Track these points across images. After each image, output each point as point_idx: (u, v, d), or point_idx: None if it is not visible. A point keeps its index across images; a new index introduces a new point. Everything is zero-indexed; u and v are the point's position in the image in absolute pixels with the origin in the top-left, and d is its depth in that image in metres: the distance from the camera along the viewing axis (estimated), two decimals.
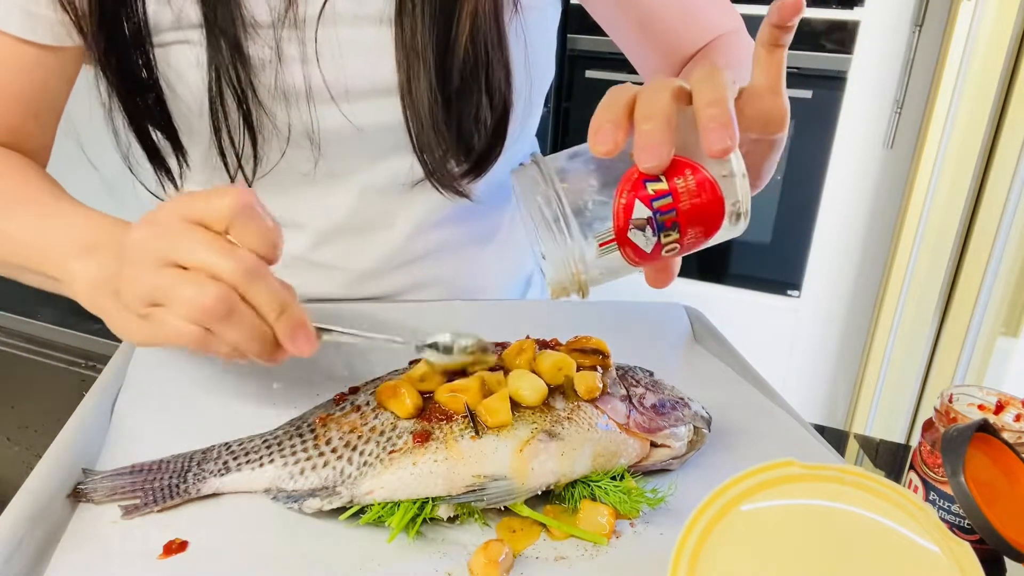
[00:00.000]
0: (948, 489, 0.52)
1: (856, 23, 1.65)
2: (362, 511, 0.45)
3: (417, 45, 0.59)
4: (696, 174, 0.41)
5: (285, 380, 0.60)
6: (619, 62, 2.01)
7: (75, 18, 0.57)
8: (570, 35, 2.01)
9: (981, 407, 0.56)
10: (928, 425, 0.55)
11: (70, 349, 0.74)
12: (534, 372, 0.50)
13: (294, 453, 0.48)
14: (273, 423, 0.52)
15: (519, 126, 0.68)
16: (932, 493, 0.53)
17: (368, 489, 0.45)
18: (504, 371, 0.51)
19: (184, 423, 0.54)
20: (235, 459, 0.48)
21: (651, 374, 0.55)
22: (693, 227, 0.42)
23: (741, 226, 0.44)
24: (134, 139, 0.63)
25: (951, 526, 0.52)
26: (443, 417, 0.48)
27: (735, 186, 0.42)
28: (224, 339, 0.43)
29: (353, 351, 0.65)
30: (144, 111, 0.62)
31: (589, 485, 0.48)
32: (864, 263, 1.78)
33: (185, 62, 0.59)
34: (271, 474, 0.48)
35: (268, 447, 0.49)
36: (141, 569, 0.41)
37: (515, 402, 0.48)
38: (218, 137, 0.61)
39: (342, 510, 0.46)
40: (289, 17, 0.59)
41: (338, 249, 0.72)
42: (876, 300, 1.75)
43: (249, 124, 0.61)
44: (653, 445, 0.50)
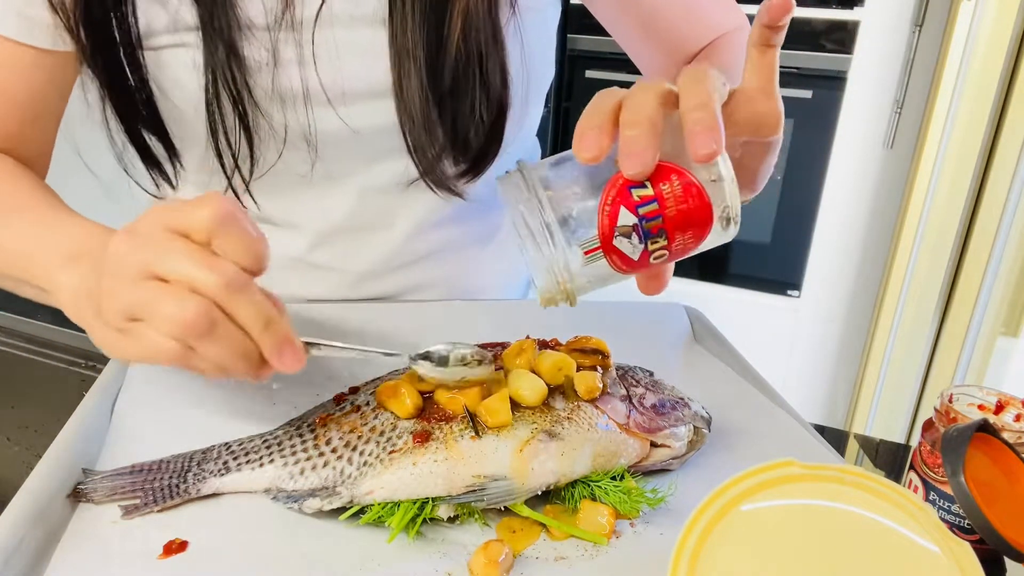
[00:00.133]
0: (948, 489, 0.52)
1: (856, 23, 1.65)
2: (362, 511, 0.45)
3: (408, 44, 0.59)
4: (682, 179, 0.40)
5: (285, 380, 0.60)
6: (619, 62, 2.01)
7: (64, 20, 0.57)
8: (570, 35, 2.00)
9: (981, 407, 0.56)
10: (928, 425, 0.55)
11: (70, 349, 0.74)
12: (534, 372, 0.50)
13: (294, 453, 0.48)
14: (273, 423, 0.52)
15: (517, 126, 0.68)
16: (932, 493, 0.53)
17: (368, 489, 0.45)
18: (504, 371, 0.51)
19: (184, 423, 0.54)
20: (235, 459, 0.48)
21: (651, 374, 0.55)
22: (681, 233, 0.41)
23: (731, 232, 0.43)
24: (127, 140, 0.63)
25: (951, 526, 0.52)
26: (443, 417, 0.48)
27: (723, 191, 0.41)
28: (206, 356, 0.41)
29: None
30: (135, 113, 0.62)
31: (589, 485, 0.48)
32: (864, 263, 1.78)
33: (181, 65, 0.59)
34: (271, 474, 0.48)
35: (268, 447, 0.49)
36: (141, 569, 0.42)
37: (515, 402, 0.48)
38: (215, 139, 0.61)
39: (342, 510, 0.46)
40: (286, 19, 0.59)
41: (337, 251, 0.72)
42: (876, 300, 1.75)
43: (245, 126, 0.61)
44: (653, 445, 0.50)
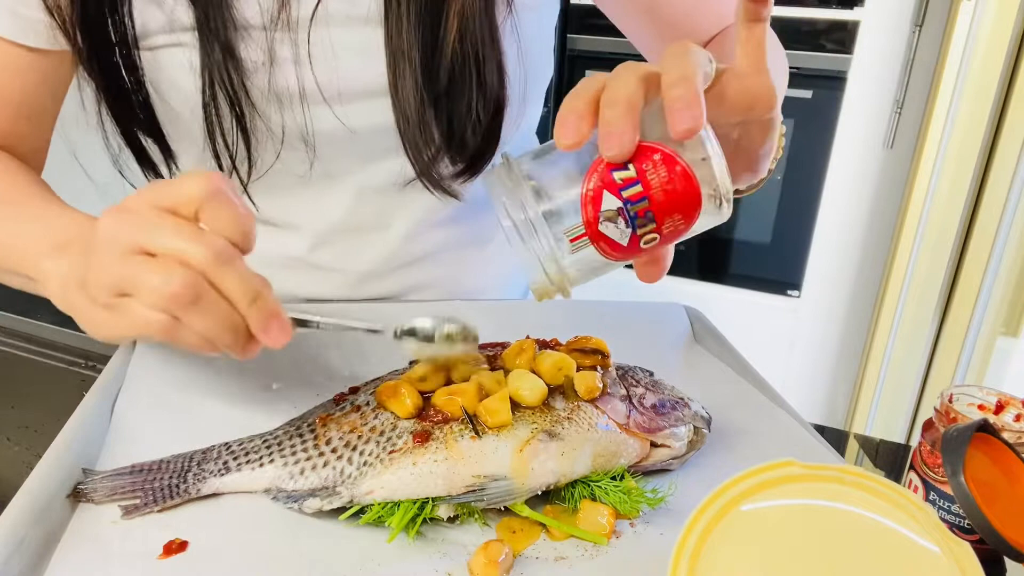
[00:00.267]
0: (948, 489, 0.52)
1: (856, 23, 1.65)
2: (362, 511, 0.45)
3: (403, 44, 0.59)
4: (665, 159, 0.39)
5: (285, 380, 0.60)
6: (619, 62, 2.00)
7: (59, 21, 0.57)
8: (570, 35, 2.00)
9: (981, 407, 0.56)
10: (928, 425, 0.55)
11: (70, 349, 0.74)
12: (534, 372, 0.50)
13: (294, 453, 0.48)
14: (273, 423, 0.52)
15: (514, 125, 0.68)
16: (932, 493, 0.53)
17: (368, 489, 0.45)
18: (504, 371, 0.51)
19: (184, 423, 0.54)
20: (235, 459, 0.48)
21: (651, 374, 0.55)
22: (669, 215, 0.40)
23: (724, 212, 0.41)
24: (123, 143, 0.63)
25: (951, 526, 0.52)
26: (443, 417, 0.48)
27: (711, 169, 0.39)
28: (193, 327, 0.41)
29: (353, 351, 0.65)
30: (131, 116, 0.62)
31: (589, 485, 0.48)
32: (864, 263, 1.78)
33: (177, 66, 0.59)
34: (271, 474, 0.48)
35: (268, 447, 0.49)
36: (141, 569, 0.42)
37: (515, 402, 0.48)
38: (212, 140, 0.61)
39: (342, 510, 0.46)
40: (282, 19, 0.59)
41: (336, 251, 0.72)
42: (876, 300, 1.75)
43: (243, 127, 0.61)
44: (653, 445, 0.50)
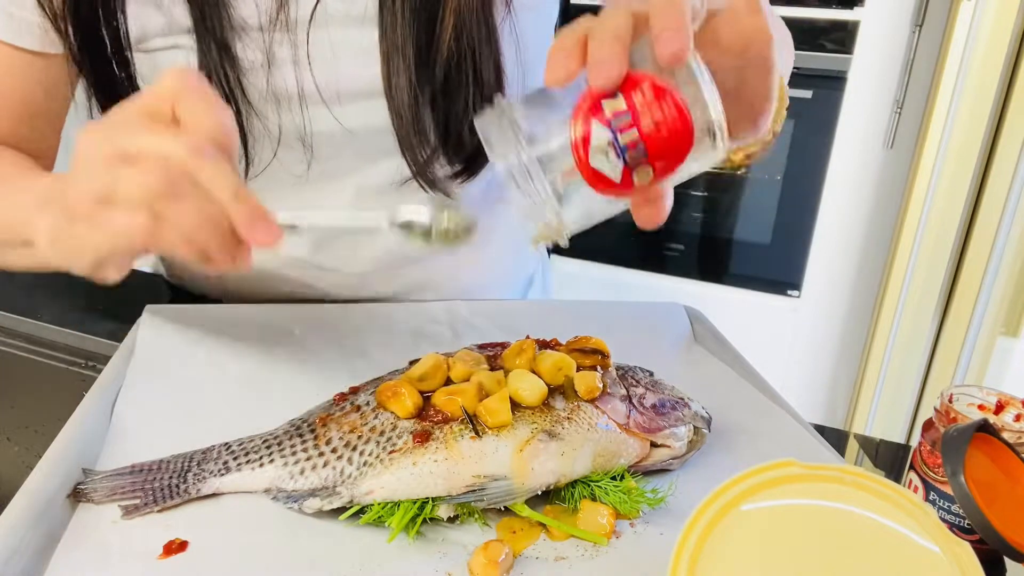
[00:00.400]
0: (948, 489, 0.52)
1: (856, 23, 1.65)
2: (362, 511, 0.45)
3: (397, 40, 0.59)
4: (654, 88, 0.38)
5: (285, 380, 0.60)
6: None
7: (52, 20, 0.57)
8: None
9: (981, 407, 0.56)
10: (928, 425, 0.55)
11: (70, 349, 0.74)
12: (534, 372, 0.50)
13: (294, 453, 0.48)
14: (273, 423, 0.52)
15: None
16: (932, 493, 0.53)
17: (368, 489, 0.45)
18: (504, 371, 0.51)
19: (184, 423, 0.54)
20: (235, 459, 0.48)
21: (651, 374, 0.55)
22: (661, 147, 0.39)
23: (719, 148, 0.40)
24: None
25: (951, 526, 0.52)
26: (443, 417, 0.48)
27: (701, 97, 0.39)
28: (175, 224, 0.40)
29: (354, 351, 0.65)
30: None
31: (589, 485, 0.48)
32: (864, 263, 1.78)
33: (176, 67, 0.59)
34: (271, 474, 0.48)
35: (268, 447, 0.49)
36: (141, 569, 0.42)
37: (515, 402, 0.48)
38: None
39: (342, 510, 0.46)
40: (280, 20, 0.59)
41: (336, 251, 0.72)
42: (876, 300, 1.75)
43: (239, 125, 0.61)
44: (653, 445, 0.50)
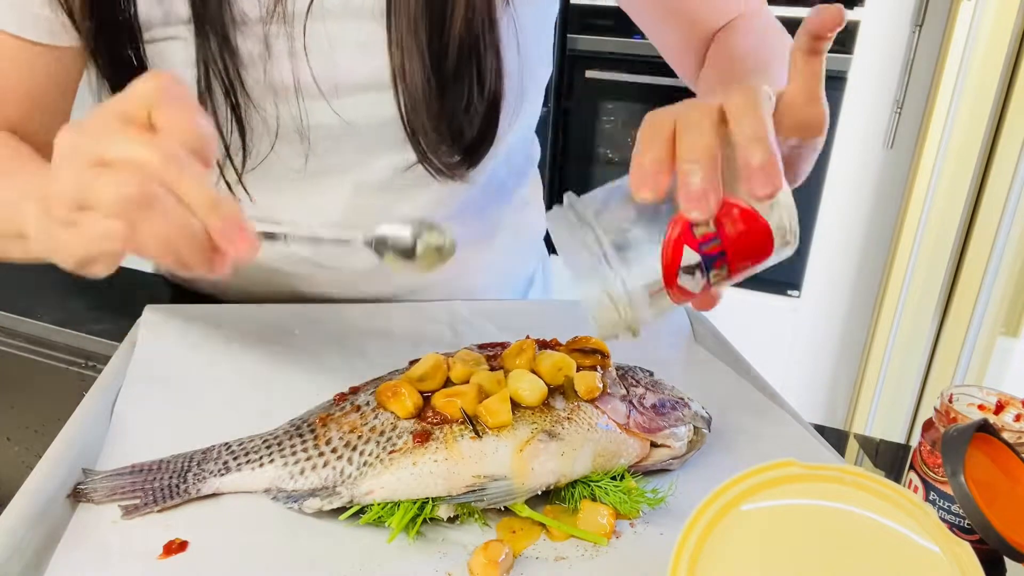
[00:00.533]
0: (948, 489, 0.52)
1: (856, 23, 1.65)
2: (362, 511, 0.45)
3: (411, 27, 0.59)
4: (744, 215, 0.40)
5: (285, 379, 0.60)
6: (619, 62, 2.01)
7: (67, 10, 0.57)
8: (570, 35, 2.01)
9: (981, 407, 0.56)
10: (928, 425, 0.55)
11: (70, 349, 0.74)
12: (534, 372, 0.50)
13: (294, 453, 0.48)
14: (273, 423, 0.52)
15: (512, 118, 0.68)
16: (932, 493, 0.53)
17: (368, 489, 0.45)
18: (504, 371, 0.51)
19: (184, 423, 0.54)
20: (235, 459, 0.48)
21: (651, 374, 0.55)
22: (742, 263, 0.41)
23: (789, 249, 0.43)
24: None
25: (951, 526, 0.52)
26: (443, 418, 0.48)
27: (782, 216, 0.41)
28: (151, 232, 0.39)
29: (354, 351, 0.65)
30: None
31: (589, 485, 0.48)
32: (864, 263, 1.78)
33: (176, 58, 0.60)
34: (271, 474, 0.48)
35: (268, 447, 0.49)
36: (141, 569, 0.42)
37: (515, 402, 0.48)
38: None
39: (342, 510, 0.46)
40: (278, 12, 0.59)
41: (335, 248, 0.72)
42: (876, 300, 1.75)
43: (237, 117, 0.61)
44: (653, 445, 0.50)
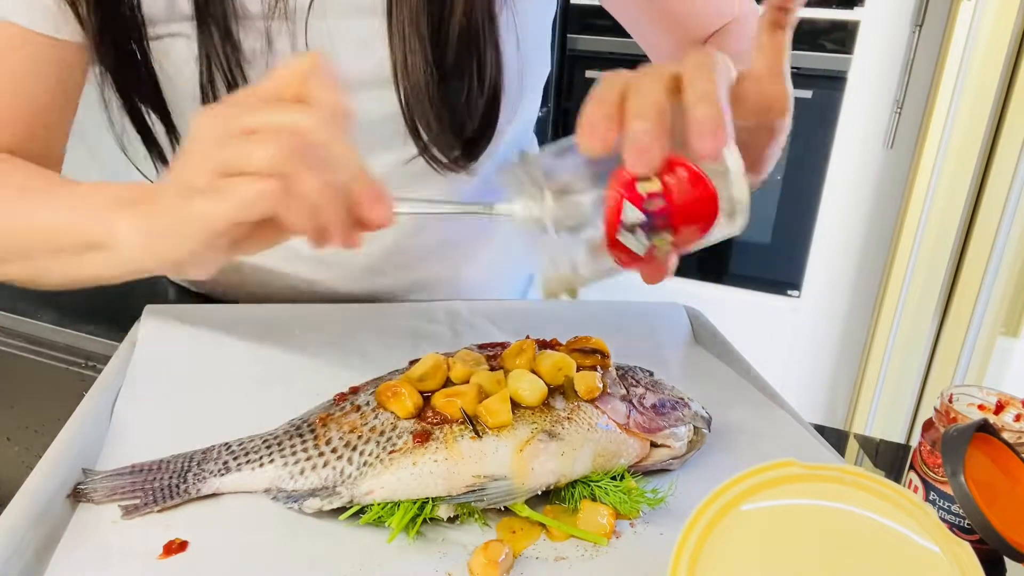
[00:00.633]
0: (948, 489, 0.52)
1: (856, 23, 1.65)
2: (362, 511, 0.45)
3: (411, 18, 0.59)
4: (689, 172, 0.39)
5: (285, 379, 0.60)
6: (619, 62, 2.01)
7: (71, 3, 0.57)
8: (570, 35, 2.01)
9: (981, 407, 0.56)
10: (928, 425, 0.55)
11: (70, 349, 0.74)
12: (534, 372, 0.50)
13: (294, 453, 0.48)
14: (273, 423, 0.52)
15: (511, 114, 0.68)
16: (932, 493, 0.53)
17: (368, 489, 0.45)
18: (504, 371, 0.51)
19: (184, 423, 0.54)
20: (235, 459, 0.48)
21: (651, 374, 0.55)
22: (687, 227, 0.40)
23: (738, 223, 0.42)
24: (128, 123, 0.63)
25: (951, 526, 0.52)
26: (443, 418, 0.48)
27: (730, 183, 0.40)
28: (304, 191, 0.39)
29: (353, 350, 0.65)
30: (135, 86, 0.62)
31: (589, 485, 0.48)
32: (864, 263, 1.78)
33: (180, 56, 0.60)
34: (271, 474, 0.48)
35: (268, 447, 0.49)
36: (141, 569, 0.41)
37: (515, 402, 0.48)
38: None
39: (342, 510, 0.46)
40: (279, 8, 0.59)
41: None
42: (876, 300, 1.75)
43: None
44: (653, 445, 0.50)
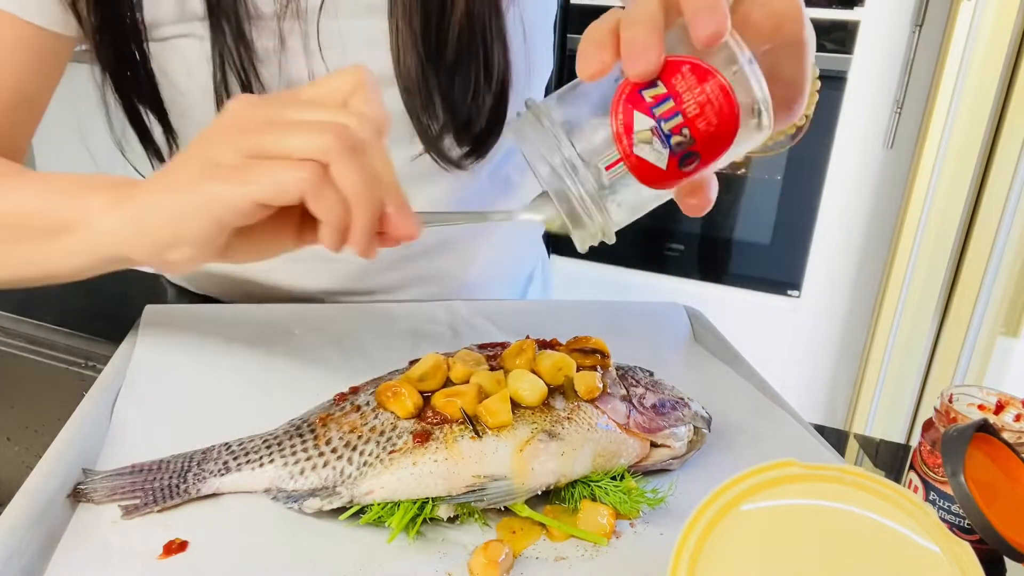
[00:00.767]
0: (948, 489, 0.52)
1: (856, 23, 1.65)
2: (362, 511, 0.45)
3: (407, 16, 0.59)
4: (695, 69, 0.37)
5: (285, 380, 0.60)
6: None
7: (71, 3, 0.57)
8: (570, 35, 2.01)
9: (981, 407, 0.56)
10: (928, 425, 0.55)
11: (70, 349, 0.74)
12: (534, 372, 0.50)
13: (294, 453, 0.48)
14: (273, 423, 0.52)
15: (519, 107, 0.68)
16: (932, 493, 0.53)
17: (368, 489, 0.45)
18: (504, 371, 0.51)
19: (184, 423, 0.54)
20: (235, 459, 0.48)
21: (651, 374, 0.55)
22: (706, 130, 0.37)
23: (765, 127, 0.39)
24: (127, 123, 0.63)
25: (951, 526, 0.52)
26: (443, 418, 0.48)
27: (745, 77, 0.37)
28: (343, 182, 0.39)
29: (354, 351, 0.65)
30: (134, 87, 0.62)
31: (589, 485, 0.48)
32: (864, 263, 1.78)
33: (192, 56, 0.60)
34: (271, 474, 0.48)
35: (268, 447, 0.49)
36: (141, 569, 0.41)
37: (515, 402, 0.48)
38: None
39: (342, 510, 0.46)
40: (291, 9, 0.60)
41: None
42: (876, 300, 1.75)
43: None
44: (653, 445, 0.50)
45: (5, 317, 0.74)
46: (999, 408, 0.55)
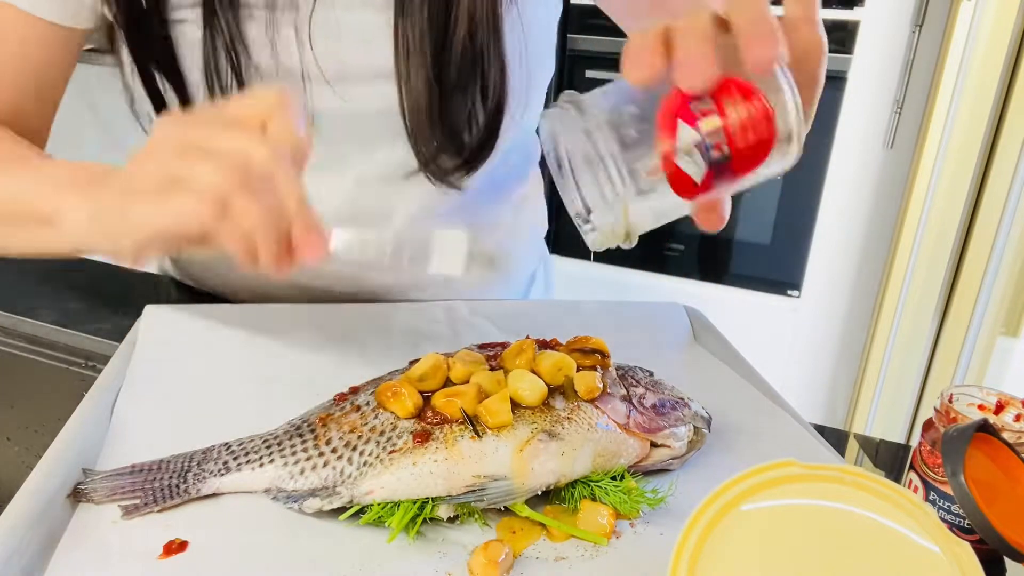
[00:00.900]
0: (948, 489, 0.52)
1: (856, 23, 1.65)
2: (362, 511, 0.45)
3: (416, 37, 0.60)
4: (743, 91, 0.37)
5: (285, 379, 0.60)
6: (619, 62, 2.01)
7: None
8: (570, 35, 2.00)
9: (981, 407, 0.56)
10: (928, 425, 0.55)
11: (70, 349, 0.74)
12: (534, 372, 0.50)
13: (294, 453, 0.48)
14: (273, 423, 0.52)
15: (515, 122, 0.68)
16: (932, 493, 0.53)
17: (368, 489, 0.45)
18: (504, 371, 0.51)
19: (184, 423, 0.54)
20: (235, 459, 0.48)
21: (651, 374, 0.55)
22: (744, 150, 0.38)
23: (792, 152, 0.39)
24: (142, 87, 0.64)
25: (951, 526, 0.52)
26: (443, 418, 0.48)
27: (784, 104, 0.38)
28: (241, 217, 0.40)
29: (353, 350, 0.65)
30: (150, 50, 0.62)
31: (589, 485, 0.48)
32: (864, 263, 1.78)
33: (187, 42, 0.61)
34: (271, 474, 0.48)
35: (268, 447, 0.49)
36: (141, 569, 0.41)
37: (515, 402, 0.48)
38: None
39: (342, 510, 0.46)
40: None
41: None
42: (876, 300, 1.75)
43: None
44: (653, 445, 0.50)
45: (5, 317, 0.74)
46: (999, 408, 0.55)
